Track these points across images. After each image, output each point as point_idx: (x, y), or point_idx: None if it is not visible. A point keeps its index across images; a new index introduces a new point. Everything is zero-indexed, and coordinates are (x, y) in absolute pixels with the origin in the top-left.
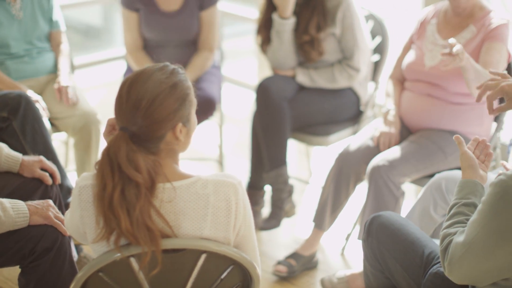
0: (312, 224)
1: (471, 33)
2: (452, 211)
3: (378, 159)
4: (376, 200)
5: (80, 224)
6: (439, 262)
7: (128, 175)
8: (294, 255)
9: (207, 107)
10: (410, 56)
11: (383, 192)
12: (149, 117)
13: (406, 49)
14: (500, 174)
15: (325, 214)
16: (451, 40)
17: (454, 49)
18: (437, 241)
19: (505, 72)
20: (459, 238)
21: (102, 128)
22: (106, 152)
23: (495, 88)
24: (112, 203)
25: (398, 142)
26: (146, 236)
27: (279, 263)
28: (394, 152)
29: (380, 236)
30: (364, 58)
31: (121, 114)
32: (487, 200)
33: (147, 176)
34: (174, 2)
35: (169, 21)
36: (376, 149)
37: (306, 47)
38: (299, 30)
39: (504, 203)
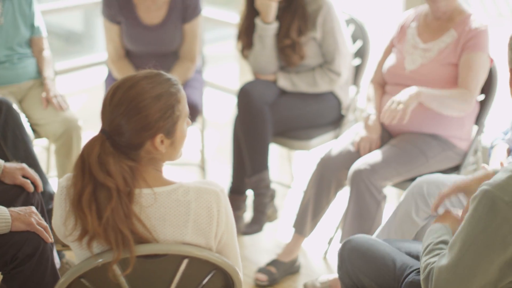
0: (293, 230)
1: (452, 37)
2: (428, 248)
3: (360, 163)
4: (358, 204)
5: (60, 224)
6: (412, 271)
7: (96, 177)
8: (274, 262)
9: (190, 114)
10: (391, 60)
11: (365, 196)
12: (127, 123)
13: (387, 53)
14: (482, 185)
15: (305, 220)
16: (395, 98)
17: (397, 107)
18: (419, 245)
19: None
20: (442, 262)
21: (83, 134)
22: (81, 152)
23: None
24: (80, 201)
25: (379, 147)
26: (119, 239)
27: (259, 271)
28: (375, 156)
29: (352, 260)
30: (345, 62)
31: (103, 116)
32: (474, 214)
33: (121, 180)
34: (157, 16)
35: (151, 34)
36: (357, 154)
37: (288, 51)
38: (280, 34)
39: (494, 215)
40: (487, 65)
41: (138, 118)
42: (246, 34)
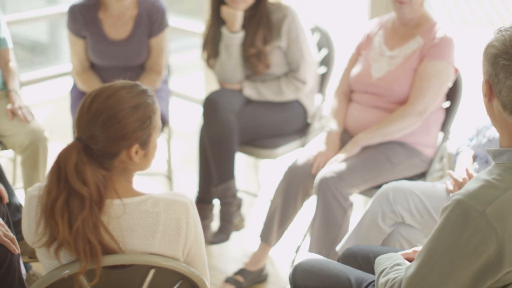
0: (259, 239)
1: (418, 44)
2: (384, 271)
3: (326, 171)
4: (324, 212)
5: (31, 233)
6: (369, 284)
7: (72, 185)
8: (241, 272)
9: None
10: (357, 68)
11: (331, 204)
12: (104, 132)
13: (352, 61)
14: (453, 195)
15: (272, 229)
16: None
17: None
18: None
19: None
20: (411, 272)
21: (50, 145)
22: (57, 159)
23: None
24: (53, 209)
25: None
26: (87, 249)
27: (226, 280)
28: (341, 164)
29: (306, 282)
30: (311, 71)
31: (79, 124)
32: (446, 223)
33: (94, 190)
34: (123, 31)
35: (117, 49)
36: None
37: (253, 60)
38: (246, 43)
39: (466, 224)
40: (446, 73)
41: (116, 127)
42: (212, 43)
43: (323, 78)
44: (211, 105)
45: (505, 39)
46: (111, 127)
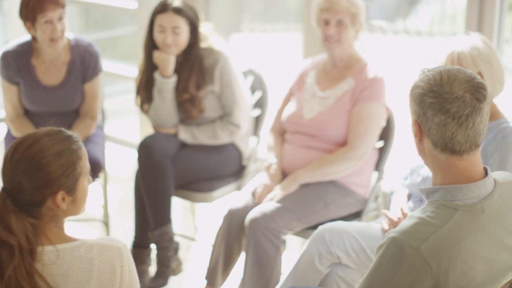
0: (205, 282)
1: (349, 85)
2: None
3: (255, 212)
4: (256, 252)
5: None
6: None
7: None
8: None
9: (92, 170)
10: (290, 108)
11: (263, 242)
12: (28, 181)
13: (286, 102)
14: (388, 233)
15: (217, 272)
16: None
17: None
18: None
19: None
20: None
21: None
22: None
23: None
24: None
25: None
26: None
27: None
28: (272, 204)
29: None
30: (244, 114)
31: (4, 174)
32: (381, 261)
33: (23, 238)
34: (56, 77)
35: (51, 95)
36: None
37: (187, 105)
38: (179, 88)
39: (401, 261)
40: (381, 114)
41: (39, 175)
42: (146, 88)
43: (258, 121)
44: (146, 150)
45: (429, 79)
46: (34, 174)
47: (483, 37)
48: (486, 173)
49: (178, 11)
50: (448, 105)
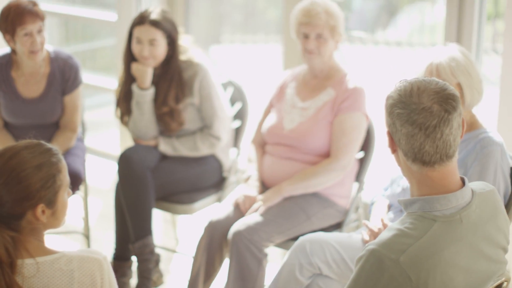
0: None
1: (329, 96)
2: None
3: (239, 224)
4: (239, 265)
5: None
6: None
7: None
8: None
9: (73, 183)
10: (270, 120)
11: (246, 256)
12: (8, 194)
13: (266, 114)
14: (367, 245)
15: (198, 284)
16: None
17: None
18: None
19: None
20: None
21: None
22: None
23: None
24: None
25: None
26: None
27: None
28: (255, 216)
29: None
30: (224, 126)
31: None
32: (361, 273)
33: (3, 251)
34: (36, 89)
35: (30, 107)
36: (242, 216)
37: (166, 118)
38: (158, 101)
39: (381, 273)
40: (362, 124)
41: (19, 188)
42: (125, 100)
43: (238, 132)
44: (126, 162)
45: (400, 90)
46: (13, 187)
47: (462, 48)
48: (463, 184)
49: (155, 23)
50: (414, 116)
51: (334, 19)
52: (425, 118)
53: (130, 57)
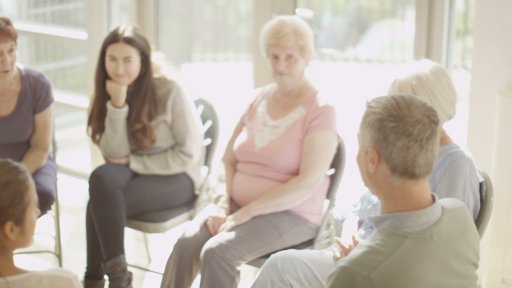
0: None
1: (300, 114)
2: None
3: (211, 242)
4: (211, 282)
5: None
6: None
7: None
8: None
9: (44, 202)
10: (242, 138)
11: (218, 273)
12: None
13: (237, 131)
14: (338, 261)
15: None
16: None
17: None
18: None
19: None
20: None
21: None
22: None
23: None
24: None
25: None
26: None
27: None
28: (227, 234)
29: None
30: (197, 144)
31: None
32: None
33: None
34: (6, 107)
35: (1, 126)
36: (211, 235)
37: (139, 135)
38: (131, 118)
39: None
40: (332, 142)
41: None
42: (98, 118)
43: (209, 150)
44: (97, 180)
45: (384, 105)
46: None
47: (435, 64)
48: (433, 200)
49: (129, 41)
50: (410, 128)
51: (304, 39)
52: (420, 130)
53: (103, 76)
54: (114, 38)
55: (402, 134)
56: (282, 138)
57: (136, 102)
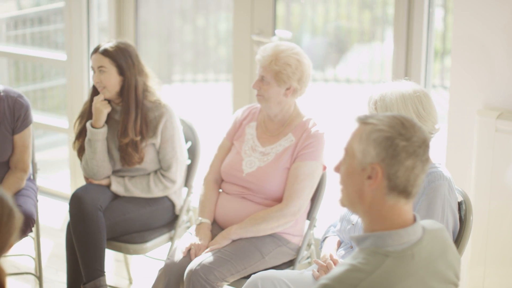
0: None
1: (289, 142)
2: None
3: (194, 264)
4: None
5: None
6: None
7: None
8: None
9: (25, 224)
10: (229, 159)
11: None
12: None
13: (222, 149)
14: (320, 279)
15: None
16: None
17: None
18: None
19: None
20: None
21: None
22: None
23: None
24: None
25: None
26: None
27: None
28: (210, 255)
29: None
30: (181, 170)
31: None
32: None
33: None
34: None
35: None
36: None
37: (129, 150)
38: (118, 133)
39: None
40: (317, 173)
41: None
42: (82, 136)
43: (189, 170)
44: (77, 202)
45: (390, 123)
46: None
47: (414, 85)
48: (414, 220)
49: (104, 52)
50: (418, 149)
51: (279, 66)
52: (424, 151)
53: (94, 91)
54: (94, 50)
55: (412, 153)
56: (270, 165)
57: (123, 117)
